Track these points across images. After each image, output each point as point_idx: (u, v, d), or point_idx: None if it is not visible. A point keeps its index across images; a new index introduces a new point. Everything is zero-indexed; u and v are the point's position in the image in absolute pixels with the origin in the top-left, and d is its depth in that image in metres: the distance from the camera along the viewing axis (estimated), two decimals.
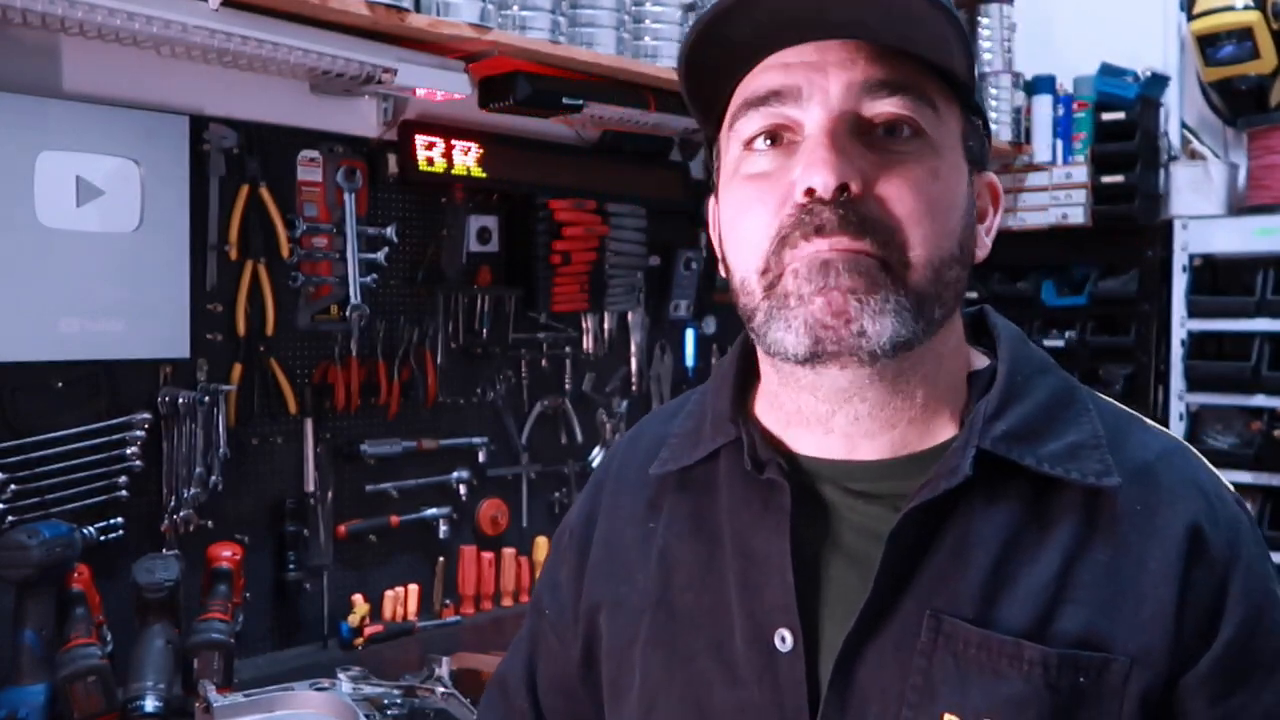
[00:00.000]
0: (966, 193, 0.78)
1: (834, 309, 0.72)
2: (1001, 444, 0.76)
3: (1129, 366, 3.01)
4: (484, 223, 2.44)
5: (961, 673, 0.73)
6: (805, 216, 0.73)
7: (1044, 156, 3.12)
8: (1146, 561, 0.74)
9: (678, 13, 2.24)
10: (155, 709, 1.71)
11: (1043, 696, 0.72)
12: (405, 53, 1.97)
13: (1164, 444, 0.81)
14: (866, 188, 0.72)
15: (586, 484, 1.03)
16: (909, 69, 0.74)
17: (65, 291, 1.82)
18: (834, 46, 0.74)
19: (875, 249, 0.72)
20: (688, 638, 0.83)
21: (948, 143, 0.76)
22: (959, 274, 0.77)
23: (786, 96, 0.75)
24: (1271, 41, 2.75)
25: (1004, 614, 0.74)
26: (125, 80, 1.89)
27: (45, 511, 1.79)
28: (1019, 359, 0.82)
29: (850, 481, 0.80)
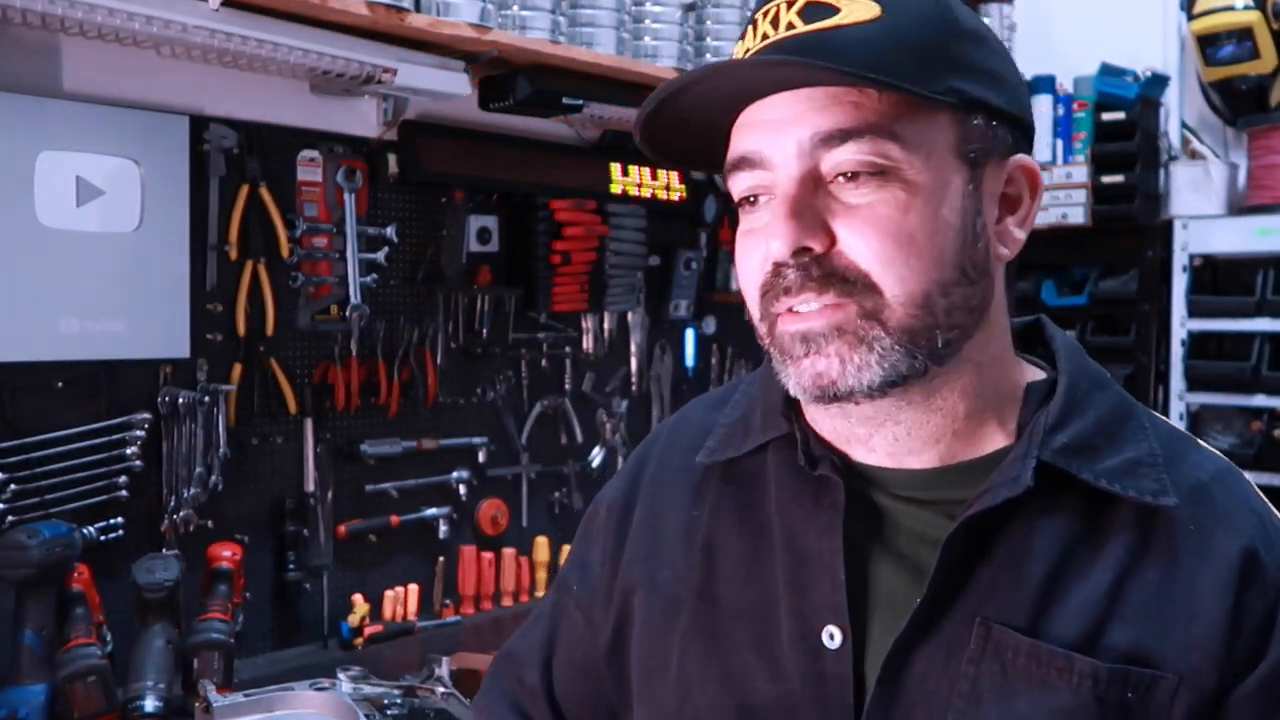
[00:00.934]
0: (961, 204, 0.76)
1: (816, 370, 0.75)
2: (1061, 456, 0.76)
3: (1129, 366, 3.01)
4: (484, 223, 2.44)
5: (1010, 682, 0.74)
6: (776, 279, 0.76)
7: (1044, 156, 3.12)
8: (1198, 582, 0.75)
9: (677, 13, 2.24)
10: (155, 709, 1.71)
11: (1090, 709, 0.72)
12: (405, 53, 1.97)
13: (1217, 465, 0.81)
14: (830, 242, 0.74)
15: (626, 462, 1.02)
16: (866, 107, 0.73)
17: (65, 291, 1.82)
18: (787, 101, 0.75)
19: (842, 299, 0.74)
20: (730, 630, 0.83)
21: (926, 165, 0.74)
22: (963, 293, 0.76)
23: (756, 162, 0.77)
24: (1271, 41, 2.75)
25: (1055, 626, 0.74)
26: (125, 80, 1.89)
27: (45, 511, 1.79)
28: (1079, 372, 0.82)
29: (900, 488, 0.81)
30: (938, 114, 0.75)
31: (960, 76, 0.75)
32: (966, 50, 0.76)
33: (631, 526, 0.94)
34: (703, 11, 2.33)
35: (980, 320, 0.79)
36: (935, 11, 0.76)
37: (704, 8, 2.33)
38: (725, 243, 2.92)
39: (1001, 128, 0.78)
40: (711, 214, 2.87)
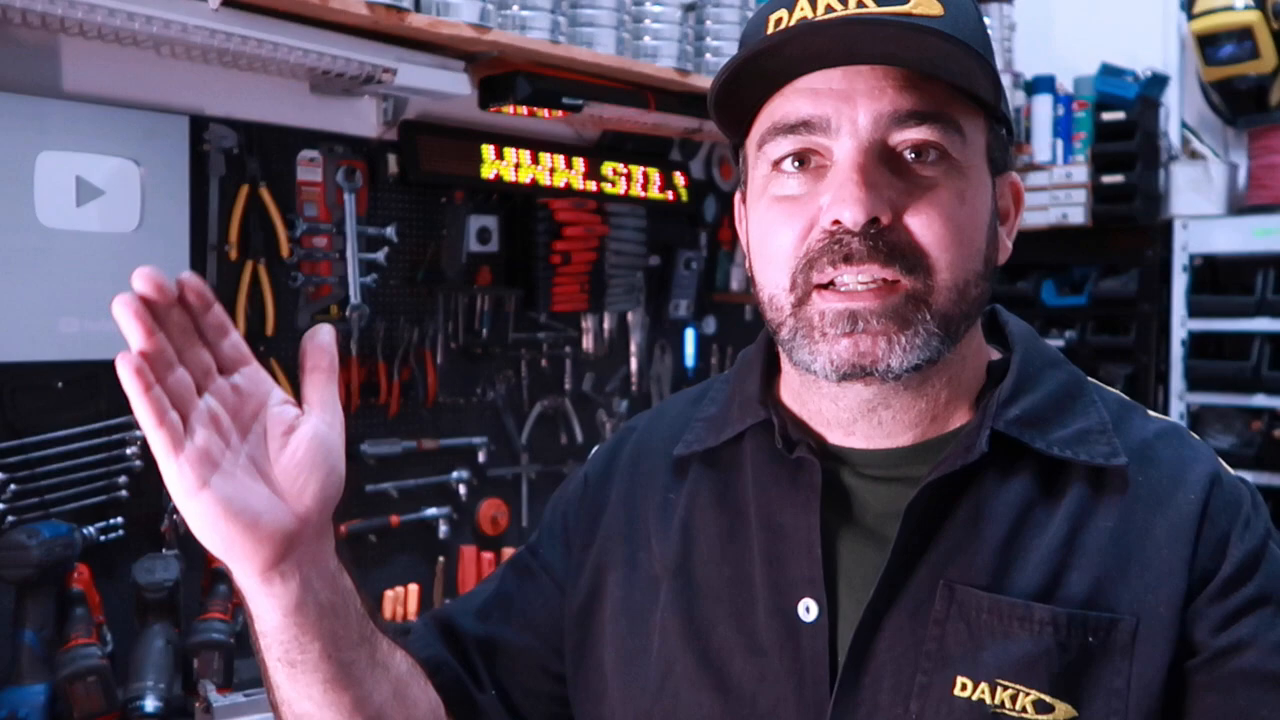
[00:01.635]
0: (990, 206, 0.81)
1: (860, 349, 0.76)
2: (1014, 427, 0.80)
3: (1129, 366, 3.01)
4: (484, 223, 2.44)
5: (974, 638, 0.76)
6: (834, 245, 0.76)
7: (1044, 156, 3.12)
8: (1153, 529, 0.78)
9: (677, 13, 2.24)
10: (155, 709, 1.71)
11: (1053, 655, 0.75)
12: (405, 53, 1.97)
13: (1163, 425, 0.86)
14: (895, 217, 0.76)
15: (599, 448, 1.04)
16: (935, 95, 0.76)
17: (65, 291, 1.82)
18: (862, 73, 0.76)
19: (902, 276, 0.76)
20: (708, 607, 0.85)
21: (973, 162, 0.79)
22: (983, 289, 0.80)
23: (816, 126, 0.77)
24: (1271, 41, 2.75)
25: (1015, 581, 0.77)
26: (125, 80, 1.89)
27: (45, 511, 1.79)
28: (1031, 353, 0.86)
29: (871, 467, 0.84)
30: (980, 119, 0.80)
31: (992, 91, 0.78)
32: (994, 65, 0.79)
33: (608, 504, 0.95)
34: (703, 11, 2.33)
35: (978, 317, 0.84)
36: (980, 23, 0.81)
37: (704, 8, 2.33)
38: (725, 243, 2.92)
39: (1008, 144, 0.84)
40: (711, 214, 2.87)
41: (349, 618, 0.79)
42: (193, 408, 0.69)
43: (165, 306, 0.69)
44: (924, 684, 0.76)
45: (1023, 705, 0.75)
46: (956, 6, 0.78)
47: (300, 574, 0.74)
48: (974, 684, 0.76)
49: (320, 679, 0.78)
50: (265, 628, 0.76)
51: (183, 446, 0.68)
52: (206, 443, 0.69)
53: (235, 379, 0.73)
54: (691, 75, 2.28)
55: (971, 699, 0.75)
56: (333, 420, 0.75)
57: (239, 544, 0.70)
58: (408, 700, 0.85)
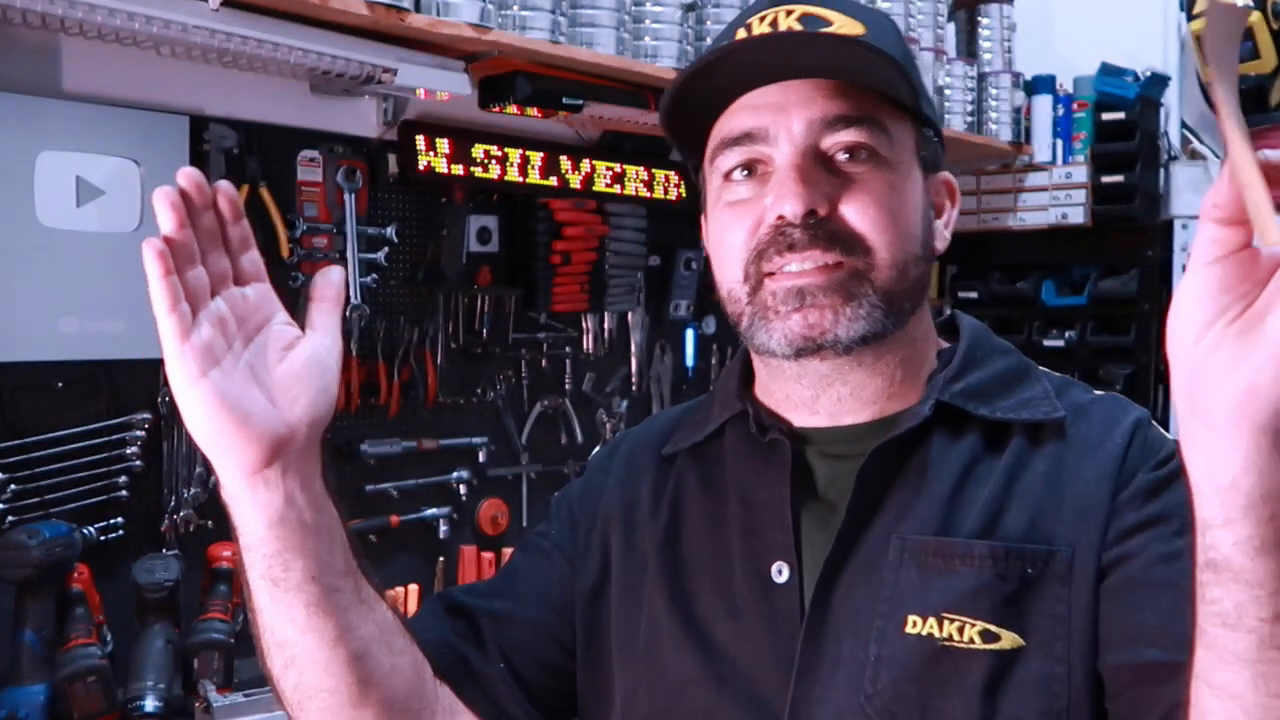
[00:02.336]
0: (923, 197, 0.91)
1: (809, 322, 0.85)
2: (959, 398, 0.89)
3: (1129, 366, 3.00)
4: (484, 223, 2.44)
5: (923, 579, 0.83)
6: (779, 237, 0.86)
7: (1044, 156, 3.12)
8: (1084, 470, 0.85)
9: (677, 13, 2.24)
10: (155, 709, 1.71)
11: (994, 586, 0.81)
12: (405, 53, 1.97)
13: (1100, 394, 0.94)
14: (832, 208, 0.85)
15: (596, 453, 1.16)
16: (861, 100, 0.86)
17: (65, 291, 1.82)
18: (795, 87, 0.86)
19: (843, 257, 0.85)
20: (692, 578, 0.93)
21: (902, 158, 0.89)
22: (923, 269, 0.90)
23: (757, 136, 0.87)
24: (1271, 41, 2.75)
25: (958, 525, 0.85)
26: (125, 80, 1.89)
27: (45, 511, 1.79)
28: (978, 340, 0.96)
29: (834, 444, 0.92)
30: (906, 122, 0.90)
31: (920, 97, 0.89)
32: (919, 77, 0.91)
33: (605, 492, 1.03)
34: (703, 11, 2.33)
35: (923, 298, 0.92)
36: (900, 38, 0.94)
37: (704, 8, 2.33)
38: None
39: (938, 146, 0.95)
40: None
41: (334, 544, 0.82)
42: (204, 305, 0.75)
43: (200, 207, 0.77)
44: (880, 627, 0.83)
45: (970, 636, 0.81)
46: (877, 25, 0.89)
47: (284, 485, 0.78)
48: (923, 620, 0.82)
49: (303, 601, 0.80)
50: (249, 540, 0.80)
51: (189, 336, 0.74)
52: (211, 338, 0.74)
53: (247, 291, 0.80)
54: None
55: (922, 634, 0.82)
56: (330, 345, 0.80)
57: (228, 437, 0.74)
58: (394, 647, 0.87)
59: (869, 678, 0.82)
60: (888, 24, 0.93)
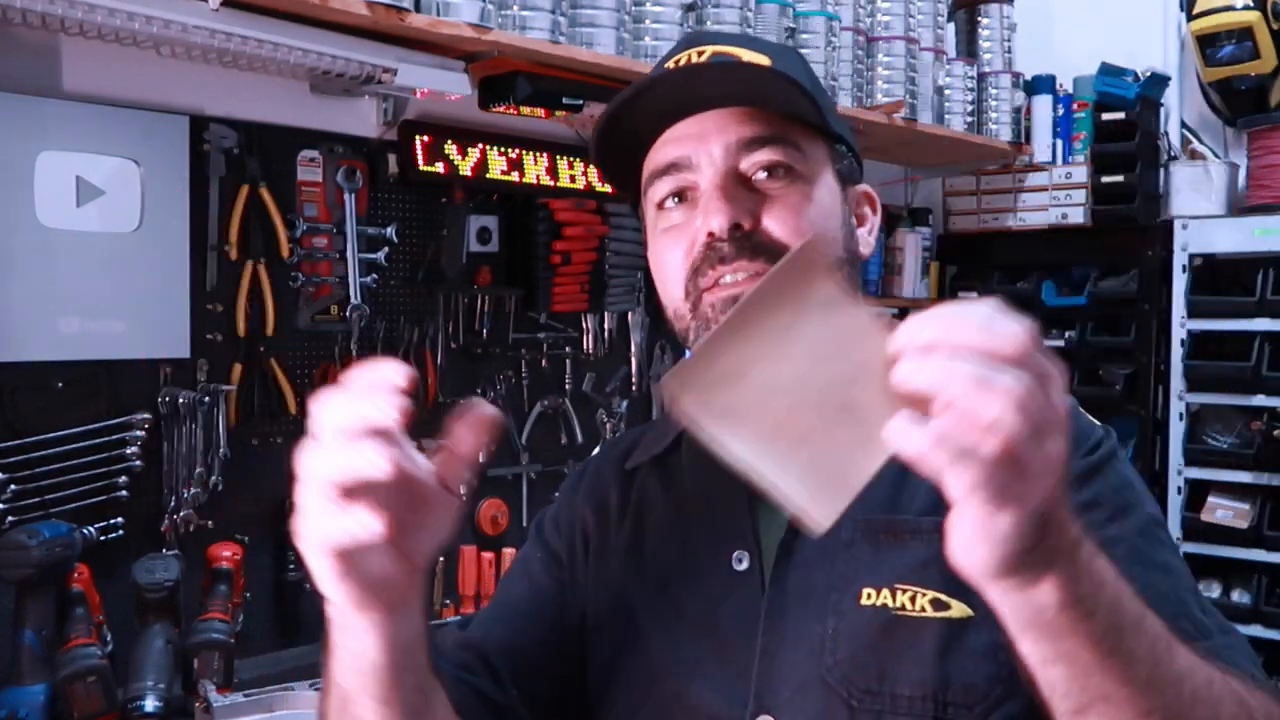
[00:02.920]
0: (842, 207, 0.98)
1: None
2: None
3: (1129, 366, 3.01)
4: (484, 223, 2.44)
5: (875, 554, 0.89)
6: (710, 252, 0.92)
7: (1044, 156, 3.12)
8: None
9: (677, 13, 2.24)
10: (155, 709, 1.71)
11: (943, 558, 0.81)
12: (405, 53, 1.97)
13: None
14: (755, 222, 0.92)
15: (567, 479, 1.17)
16: (772, 123, 0.94)
17: (65, 291, 1.82)
18: (711, 117, 0.94)
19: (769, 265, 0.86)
20: (659, 576, 0.98)
21: (817, 172, 0.96)
22: (848, 272, 0.97)
23: (682, 165, 0.95)
24: (1271, 41, 2.75)
25: (906, 503, 0.90)
26: (125, 80, 1.89)
27: (45, 511, 1.79)
28: None
29: None
30: (818, 140, 0.97)
31: (829, 116, 0.97)
32: (826, 100, 0.99)
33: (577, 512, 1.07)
34: (703, 12, 2.33)
35: None
36: (806, 66, 1.04)
37: (704, 8, 2.33)
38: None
39: (852, 160, 1.02)
40: None
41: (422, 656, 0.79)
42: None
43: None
44: (836, 601, 0.88)
45: (921, 605, 0.86)
46: (781, 58, 0.97)
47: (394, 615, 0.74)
48: (876, 592, 0.87)
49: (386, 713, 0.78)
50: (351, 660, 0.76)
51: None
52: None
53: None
54: None
55: (876, 605, 0.87)
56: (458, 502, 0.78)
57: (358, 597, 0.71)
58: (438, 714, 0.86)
59: (829, 650, 0.87)
60: (792, 56, 1.04)
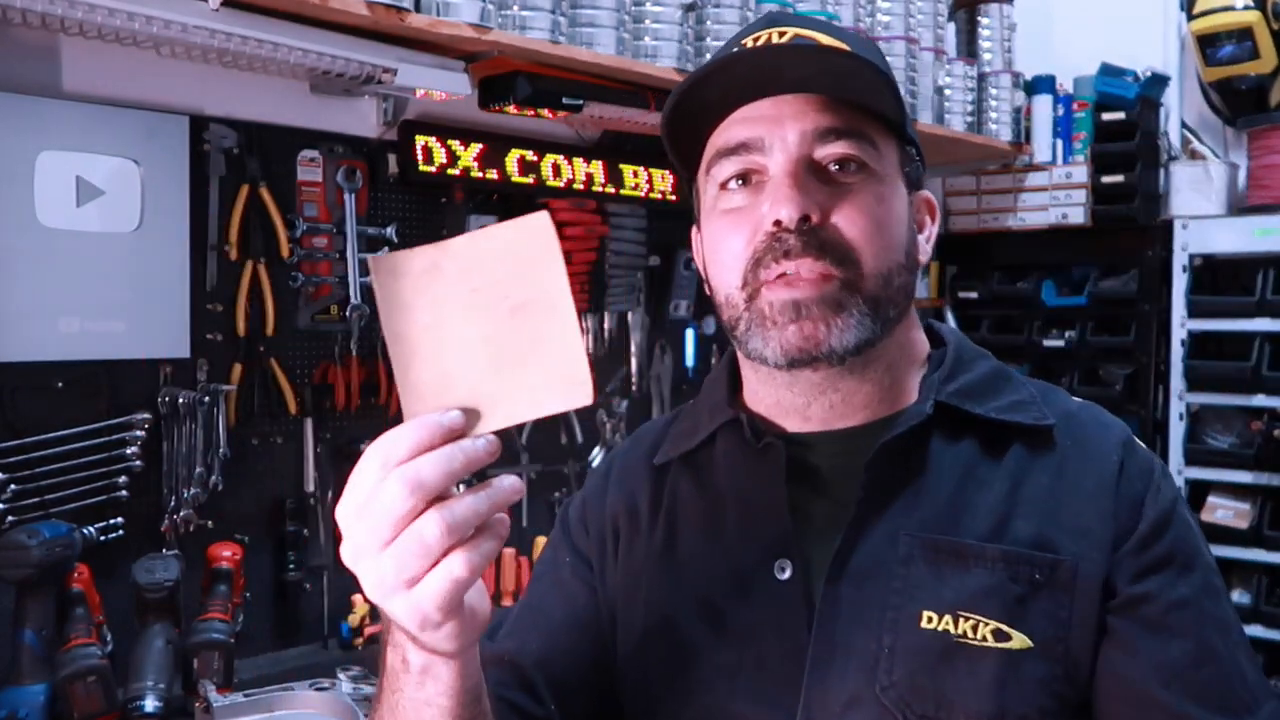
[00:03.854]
0: (907, 211, 0.95)
1: (805, 334, 0.88)
2: (955, 397, 0.93)
3: (1129, 366, 3.01)
4: (484, 223, 2.43)
5: (935, 575, 0.87)
6: (775, 243, 0.89)
7: (1044, 156, 3.12)
8: (1082, 484, 0.90)
9: (677, 13, 2.24)
10: (155, 709, 1.71)
11: (1006, 587, 0.86)
12: (405, 53, 1.97)
13: (1081, 401, 0.99)
14: (824, 216, 0.89)
15: (591, 472, 1.14)
16: (851, 115, 0.90)
17: (65, 291, 1.82)
18: (789, 101, 0.90)
19: (834, 267, 0.88)
20: (694, 583, 0.95)
21: (888, 172, 0.93)
22: (907, 279, 0.94)
23: (753, 146, 0.91)
24: (1271, 41, 2.75)
25: (967, 526, 0.89)
26: (125, 80, 1.89)
27: (45, 511, 1.79)
28: (962, 345, 1.01)
29: (830, 446, 0.95)
30: (892, 139, 0.94)
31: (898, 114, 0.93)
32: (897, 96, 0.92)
33: (605, 512, 1.05)
34: (703, 11, 2.33)
35: (908, 306, 0.96)
36: (882, 61, 0.97)
37: (704, 8, 2.33)
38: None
39: (919, 164, 0.98)
40: None
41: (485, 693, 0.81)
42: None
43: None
44: (893, 619, 0.86)
45: (983, 634, 0.85)
46: (861, 48, 0.93)
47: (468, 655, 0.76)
48: (939, 616, 0.86)
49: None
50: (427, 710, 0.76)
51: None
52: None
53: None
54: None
55: (937, 629, 0.85)
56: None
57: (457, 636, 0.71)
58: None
59: (883, 669, 0.85)
60: (873, 49, 0.99)
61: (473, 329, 0.70)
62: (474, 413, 0.70)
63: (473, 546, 0.67)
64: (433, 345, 0.72)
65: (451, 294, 0.71)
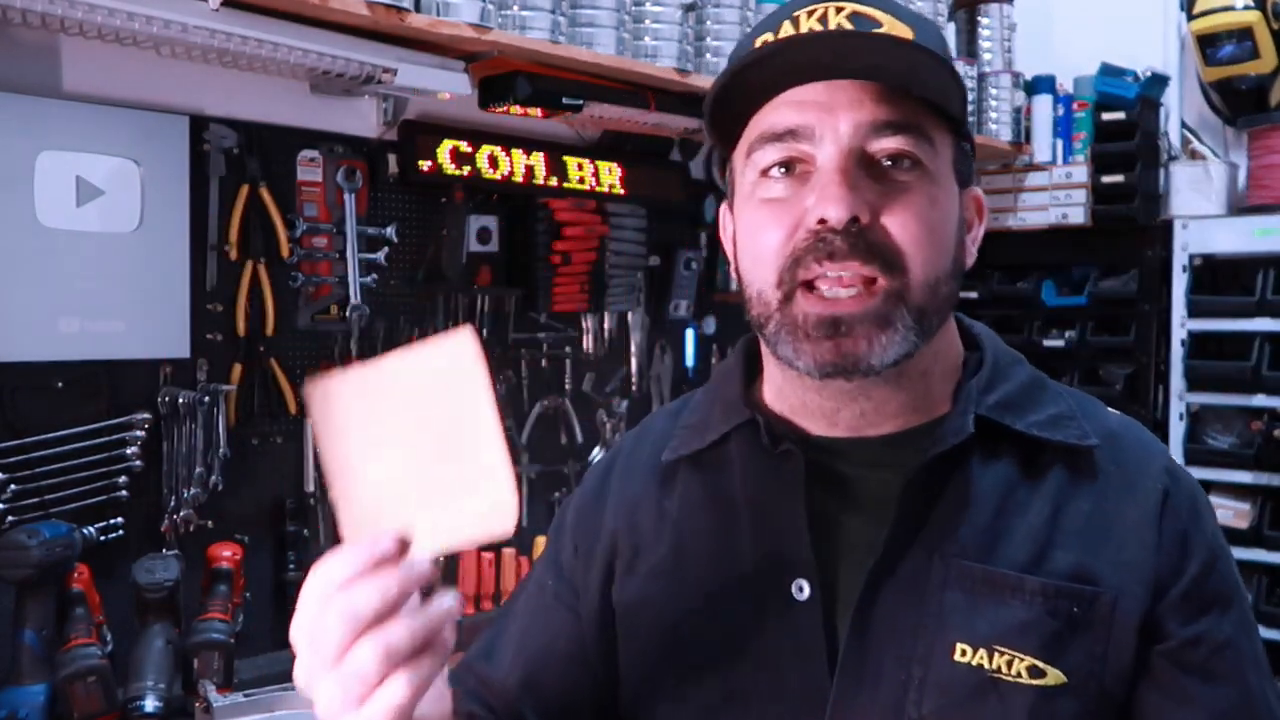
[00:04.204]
0: (958, 212, 0.88)
1: (843, 350, 0.82)
2: (994, 411, 0.88)
3: (1129, 366, 3.00)
4: (484, 223, 2.44)
5: (970, 606, 0.82)
6: (819, 243, 0.81)
7: (1044, 156, 3.12)
8: (1125, 512, 0.86)
9: (677, 13, 2.24)
10: (155, 709, 1.71)
11: (1044, 622, 0.82)
12: (405, 53, 1.97)
13: (1122, 418, 0.94)
14: (873, 217, 0.82)
15: (590, 470, 1.07)
16: (910, 108, 0.83)
17: (65, 291, 1.82)
18: (844, 87, 0.82)
19: (880, 274, 0.81)
20: (706, 597, 0.90)
21: (942, 170, 0.86)
22: (953, 286, 0.87)
23: (801, 134, 0.83)
24: (1271, 41, 2.75)
25: (1005, 554, 0.84)
26: (125, 80, 1.89)
27: (45, 511, 1.79)
28: (999, 350, 0.94)
29: (860, 455, 0.89)
30: (948, 134, 0.87)
31: (960, 107, 0.86)
32: (961, 86, 0.86)
33: (604, 522, 0.99)
34: (703, 11, 2.33)
35: (950, 313, 0.90)
36: (945, 46, 0.89)
37: (704, 8, 2.33)
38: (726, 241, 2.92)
39: (971, 159, 0.91)
40: (711, 214, 2.87)
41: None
42: None
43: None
44: (925, 650, 0.82)
45: (1018, 670, 0.81)
46: (924, 31, 0.85)
47: None
48: (973, 649, 0.81)
49: None
50: None
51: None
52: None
53: None
54: (691, 75, 2.28)
55: (971, 664, 0.81)
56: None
57: None
58: None
59: (912, 700, 0.82)
60: (934, 29, 0.89)
61: (401, 452, 0.70)
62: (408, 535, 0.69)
63: (414, 668, 0.68)
64: (365, 468, 0.71)
65: (381, 417, 0.71)
